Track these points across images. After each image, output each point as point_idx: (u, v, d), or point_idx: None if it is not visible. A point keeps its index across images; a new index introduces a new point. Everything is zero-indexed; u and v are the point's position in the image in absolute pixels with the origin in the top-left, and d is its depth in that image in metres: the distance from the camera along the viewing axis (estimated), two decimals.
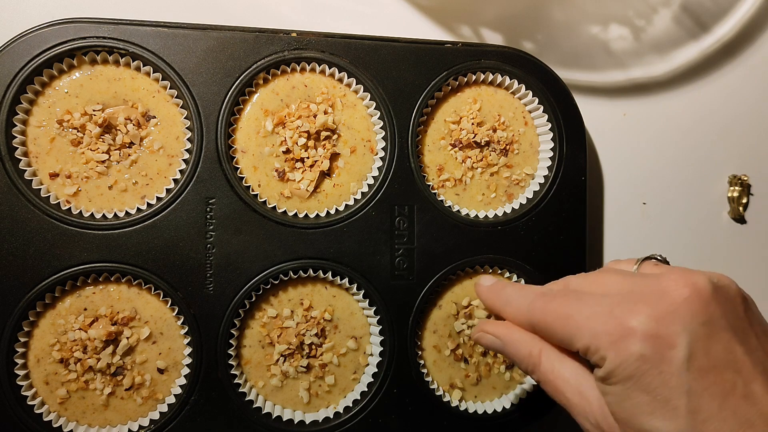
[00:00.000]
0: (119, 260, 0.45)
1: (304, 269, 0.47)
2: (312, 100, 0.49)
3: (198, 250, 0.46)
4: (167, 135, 0.47)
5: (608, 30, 0.58)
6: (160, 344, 0.46)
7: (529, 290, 0.39)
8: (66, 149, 0.45)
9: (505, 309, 0.40)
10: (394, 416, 0.48)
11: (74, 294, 0.45)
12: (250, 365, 0.47)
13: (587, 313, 0.34)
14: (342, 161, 0.49)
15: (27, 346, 0.44)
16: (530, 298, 0.38)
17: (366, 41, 0.49)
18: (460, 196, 0.51)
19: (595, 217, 0.58)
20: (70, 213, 0.45)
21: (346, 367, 0.49)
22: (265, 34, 0.47)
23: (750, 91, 0.61)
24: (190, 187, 0.46)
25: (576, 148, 0.52)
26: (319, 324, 0.48)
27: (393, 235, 0.49)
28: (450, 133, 0.51)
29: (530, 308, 0.37)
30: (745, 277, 0.61)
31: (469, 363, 0.50)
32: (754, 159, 0.61)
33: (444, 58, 0.50)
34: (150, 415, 0.46)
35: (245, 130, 0.48)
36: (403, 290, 0.49)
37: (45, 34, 0.44)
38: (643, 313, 0.32)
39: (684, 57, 0.59)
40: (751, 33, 0.60)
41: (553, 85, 0.52)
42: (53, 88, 0.45)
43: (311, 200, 0.49)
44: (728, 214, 0.60)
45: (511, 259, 0.51)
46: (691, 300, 0.32)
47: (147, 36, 0.45)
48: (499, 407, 0.50)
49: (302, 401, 0.48)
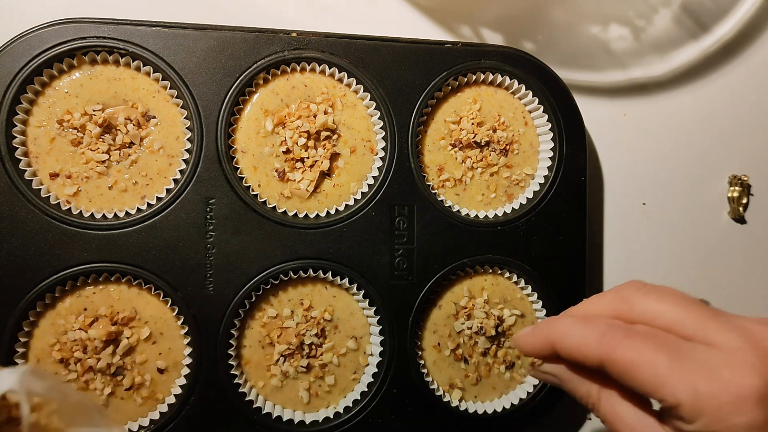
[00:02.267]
0: (119, 260, 0.45)
1: (304, 269, 0.47)
2: (312, 100, 0.49)
3: (198, 250, 0.46)
4: (167, 135, 0.47)
5: (608, 30, 0.58)
6: (160, 344, 0.46)
7: (596, 321, 0.34)
8: (66, 149, 0.45)
9: (565, 342, 0.34)
10: (394, 416, 0.48)
11: (74, 294, 0.45)
12: (250, 365, 0.47)
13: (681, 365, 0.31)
14: (342, 161, 0.49)
15: (27, 346, 0.44)
16: (600, 329, 0.33)
17: (366, 41, 0.49)
18: (460, 196, 0.51)
19: (595, 217, 0.58)
20: (70, 213, 0.45)
21: (346, 368, 0.49)
22: (265, 34, 0.47)
23: (750, 91, 0.61)
24: (190, 187, 0.46)
25: (576, 148, 0.52)
26: (319, 324, 0.48)
27: (393, 235, 0.49)
28: (450, 133, 0.51)
29: (602, 342, 0.32)
30: (745, 277, 0.61)
31: (469, 363, 0.50)
32: (754, 159, 0.61)
33: (444, 58, 0.50)
34: (150, 415, 0.46)
35: (245, 130, 0.48)
36: (402, 290, 0.49)
37: (45, 34, 0.44)
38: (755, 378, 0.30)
39: (684, 57, 0.59)
40: (751, 33, 0.60)
41: (553, 85, 0.52)
42: (53, 88, 0.45)
43: (311, 200, 0.49)
44: (728, 214, 0.60)
45: (510, 259, 0.51)
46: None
47: (147, 36, 0.45)
48: (499, 407, 0.50)
49: (302, 401, 0.48)
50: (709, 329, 0.32)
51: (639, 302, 0.34)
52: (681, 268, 0.60)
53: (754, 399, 0.29)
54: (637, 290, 0.34)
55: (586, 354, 0.33)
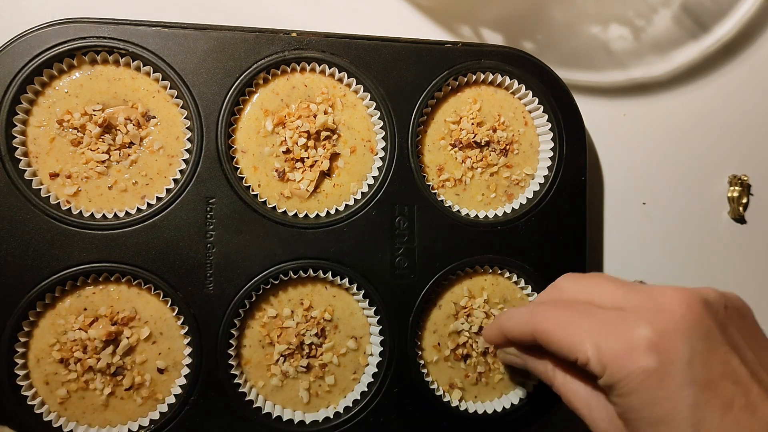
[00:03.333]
0: (119, 260, 0.45)
1: (304, 269, 0.47)
2: (312, 100, 0.49)
3: (198, 250, 0.46)
4: (167, 135, 0.47)
5: (608, 30, 0.58)
6: (160, 344, 0.46)
7: (528, 304, 0.40)
8: (66, 149, 0.45)
9: (506, 324, 0.41)
10: (394, 416, 0.48)
11: (74, 294, 0.45)
12: (250, 365, 0.47)
13: (587, 325, 0.35)
14: (342, 161, 0.49)
15: (27, 346, 0.44)
16: (530, 308, 0.39)
17: (366, 41, 0.49)
18: (460, 196, 0.51)
19: (595, 217, 0.58)
20: (70, 213, 0.45)
21: (346, 367, 0.49)
22: (265, 34, 0.47)
23: (750, 91, 0.61)
24: (190, 187, 0.46)
25: (576, 148, 0.52)
26: (319, 324, 0.48)
27: (393, 235, 0.49)
28: (450, 133, 0.51)
29: (531, 316, 0.38)
30: (745, 277, 0.61)
31: (469, 363, 0.50)
32: (754, 159, 0.61)
33: (444, 58, 0.50)
34: (150, 415, 0.46)
35: (245, 130, 0.48)
36: (403, 290, 0.49)
37: (45, 34, 0.44)
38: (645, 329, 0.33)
39: (684, 57, 0.59)
40: (751, 33, 0.60)
41: (553, 85, 0.52)
42: (53, 88, 0.45)
43: (311, 200, 0.49)
44: (728, 214, 0.60)
45: (510, 259, 0.51)
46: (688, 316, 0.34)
47: (147, 36, 0.45)
48: (499, 407, 0.50)
49: (302, 401, 0.48)
50: (619, 296, 0.36)
51: (568, 287, 0.39)
52: (681, 268, 0.60)
53: (644, 347, 0.33)
54: (567, 278, 0.40)
55: (521, 330, 0.39)
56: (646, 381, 0.33)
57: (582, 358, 0.35)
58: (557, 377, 0.39)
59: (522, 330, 0.39)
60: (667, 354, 0.33)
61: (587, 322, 0.35)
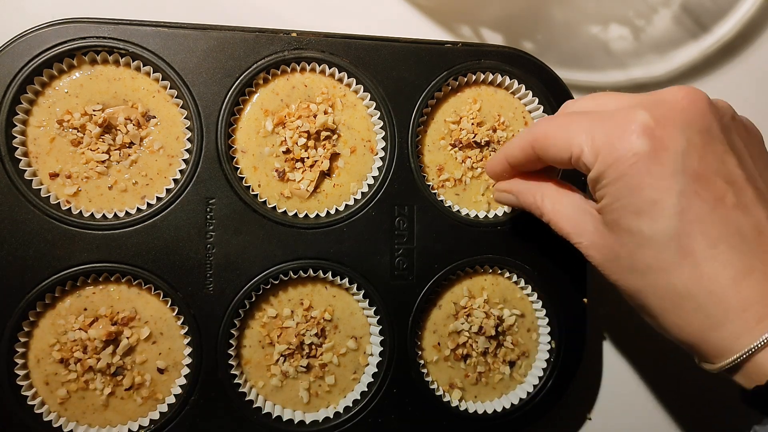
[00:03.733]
0: (119, 260, 0.45)
1: (304, 269, 0.47)
2: (312, 100, 0.49)
3: (198, 250, 0.46)
4: (167, 135, 0.47)
5: (608, 30, 0.58)
6: (160, 344, 0.46)
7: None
8: (66, 149, 0.45)
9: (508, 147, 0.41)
10: (394, 416, 0.48)
11: (74, 294, 0.45)
12: (250, 365, 0.47)
13: (586, 121, 0.35)
14: (342, 161, 0.49)
15: (27, 346, 0.44)
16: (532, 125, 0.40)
17: (366, 41, 0.49)
18: (460, 196, 0.51)
19: None
20: (70, 213, 0.45)
21: (346, 367, 0.49)
22: (265, 34, 0.47)
23: (750, 91, 0.61)
24: (190, 187, 0.46)
25: None
26: (319, 324, 0.48)
27: (393, 235, 0.49)
28: (450, 133, 0.51)
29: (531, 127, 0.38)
30: None
31: (469, 363, 0.50)
32: None
33: (444, 58, 0.50)
34: (150, 415, 0.46)
35: (245, 130, 0.48)
36: (402, 290, 0.49)
37: (45, 34, 0.44)
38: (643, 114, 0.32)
39: (684, 57, 0.59)
40: (751, 33, 0.60)
41: (553, 85, 0.52)
42: (53, 88, 0.45)
43: (311, 200, 0.49)
44: None
45: (510, 259, 0.51)
46: (689, 109, 0.33)
47: (147, 36, 0.45)
48: (499, 407, 0.50)
49: (302, 401, 0.48)
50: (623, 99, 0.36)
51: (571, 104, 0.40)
52: None
53: (639, 131, 0.32)
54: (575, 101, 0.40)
55: (521, 145, 0.39)
56: (636, 165, 0.32)
57: (576, 151, 0.34)
58: (546, 204, 0.40)
59: (522, 144, 0.39)
60: (661, 141, 0.32)
61: (586, 119, 0.35)
